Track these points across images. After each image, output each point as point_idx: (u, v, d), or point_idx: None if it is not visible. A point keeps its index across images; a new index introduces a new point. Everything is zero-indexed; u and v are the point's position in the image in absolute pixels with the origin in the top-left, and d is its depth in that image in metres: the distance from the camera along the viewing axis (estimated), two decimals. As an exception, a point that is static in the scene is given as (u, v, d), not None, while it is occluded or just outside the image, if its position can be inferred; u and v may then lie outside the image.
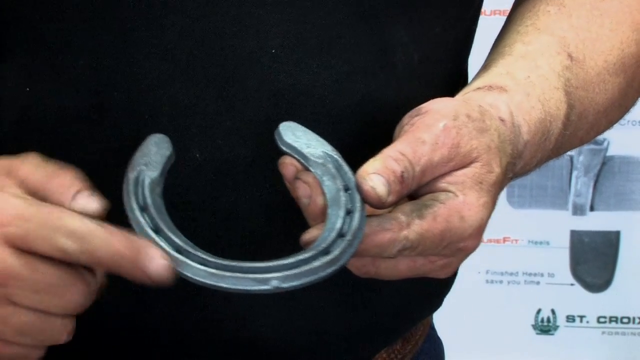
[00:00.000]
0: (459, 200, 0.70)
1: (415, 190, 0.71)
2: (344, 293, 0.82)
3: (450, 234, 0.70)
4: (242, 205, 0.77)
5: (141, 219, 0.66)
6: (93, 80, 0.74)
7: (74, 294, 0.65)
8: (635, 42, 0.86)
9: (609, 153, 2.03)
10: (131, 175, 0.67)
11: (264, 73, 0.75)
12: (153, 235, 0.65)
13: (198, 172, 0.75)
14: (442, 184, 0.71)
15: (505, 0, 0.94)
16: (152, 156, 0.69)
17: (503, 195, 2.21)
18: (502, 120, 0.75)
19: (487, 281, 2.08)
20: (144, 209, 0.66)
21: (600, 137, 2.01)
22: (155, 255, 0.64)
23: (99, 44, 0.74)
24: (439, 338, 1.01)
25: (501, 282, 2.08)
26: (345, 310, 0.84)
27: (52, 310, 0.65)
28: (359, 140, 0.76)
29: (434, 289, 0.91)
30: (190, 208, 0.73)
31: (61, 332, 0.66)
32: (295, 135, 0.72)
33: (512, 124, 0.75)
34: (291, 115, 0.76)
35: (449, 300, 0.95)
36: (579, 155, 2.03)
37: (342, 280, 0.73)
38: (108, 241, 0.63)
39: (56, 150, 0.77)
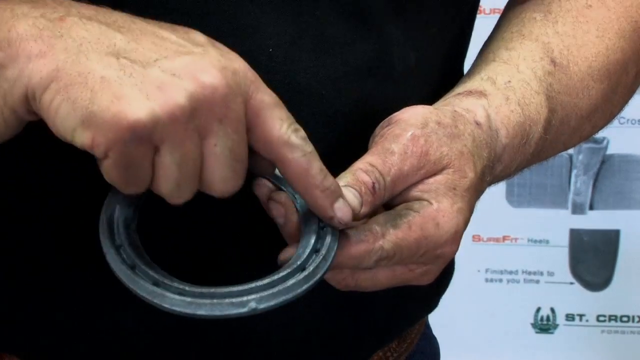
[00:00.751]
0: (433, 207, 0.71)
1: (389, 201, 0.72)
2: (340, 294, 0.82)
3: (426, 242, 0.71)
4: (241, 210, 0.77)
5: (116, 257, 0.66)
6: None
7: (237, 182, 0.64)
8: (621, 49, 0.86)
9: (609, 152, 2.03)
10: (104, 216, 0.68)
11: (260, 72, 0.74)
12: (129, 272, 0.66)
13: None
14: (415, 192, 0.72)
15: (506, 0, 0.94)
16: (124, 193, 0.68)
17: (502, 194, 2.23)
18: (477, 123, 0.76)
19: (486, 280, 2.08)
20: (119, 247, 0.67)
21: (599, 136, 2.03)
22: (347, 205, 0.67)
23: None
24: (434, 337, 1.02)
25: (501, 280, 2.09)
26: (342, 310, 0.84)
27: (214, 175, 0.63)
28: (356, 139, 0.76)
29: (430, 290, 0.91)
30: (188, 214, 0.73)
31: (188, 196, 0.64)
32: None
33: (489, 127, 0.76)
34: None
35: (449, 298, 0.95)
36: (579, 154, 2.03)
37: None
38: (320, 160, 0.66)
39: (58, 150, 0.77)
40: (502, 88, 0.79)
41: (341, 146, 0.76)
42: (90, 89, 0.60)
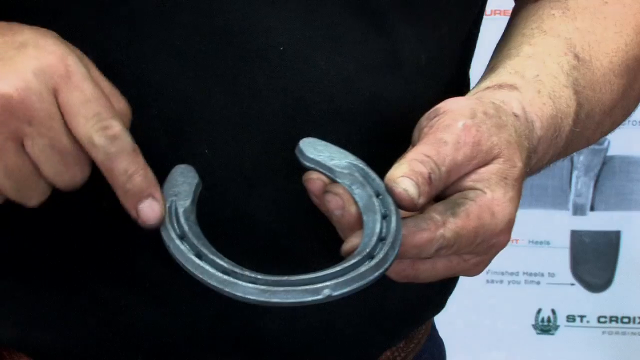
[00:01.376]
0: (487, 197, 0.71)
1: (443, 191, 0.72)
2: (350, 295, 0.82)
3: (483, 231, 0.71)
4: (251, 201, 0.77)
5: (182, 247, 0.67)
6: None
7: (76, 172, 0.67)
8: (638, 45, 0.87)
9: (610, 153, 2.04)
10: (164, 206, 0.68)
11: (272, 70, 0.75)
12: (197, 261, 0.66)
13: (206, 167, 0.75)
14: (469, 182, 0.72)
15: (506, 1, 0.95)
16: (180, 186, 0.70)
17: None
18: (515, 115, 0.76)
19: (487, 281, 2.08)
20: (182, 237, 0.67)
21: (600, 137, 2.03)
22: (154, 206, 0.67)
23: (108, 40, 0.74)
24: (440, 338, 1.02)
25: (502, 282, 2.09)
26: (351, 311, 0.84)
27: (48, 172, 0.66)
28: (367, 137, 0.77)
29: (438, 291, 0.91)
30: (199, 204, 0.73)
31: (37, 195, 0.67)
32: (316, 150, 0.72)
33: (526, 119, 0.76)
34: (299, 112, 0.76)
35: (450, 299, 0.95)
36: (579, 155, 2.03)
37: None
38: (131, 160, 0.66)
39: None
40: (531, 81, 0.79)
41: (351, 144, 0.76)
42: None
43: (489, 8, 0.92)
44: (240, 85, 0.75)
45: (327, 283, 0.65)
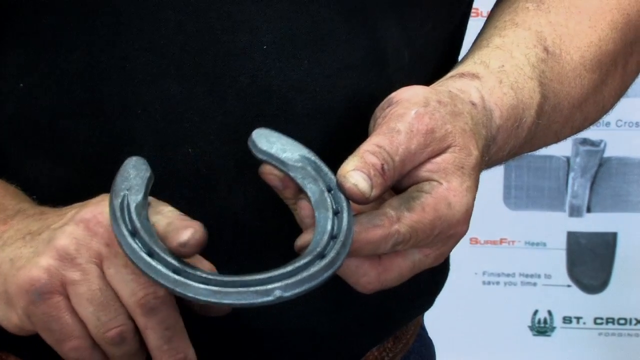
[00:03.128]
0: (443, 187, 0.71)
1: (398, 183, 0.72)
2: (335, 291, 0.82)
3: (440, 222, 0.70)
4: (234, 200, 0.77)
5: (134, 244, 0.65)
6: (86, 75, 0.75)
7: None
8: (613, 40, 0.86)
9: (606, 154, 2.03)
10: (116, 201, 0.67)
11: (255, 69, 0.75)
12: (148, 259, 0.65)
13: (190, 166, 0.76)
14: (424, 173, 0.71)
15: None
16: (133, 179, 0.69)
17: (499, 196, 2.23)
18: (473, 103, 0.75)
19: (483, 282, 2.08)
20: (134, 233, 0.66)
21: (596, 139, 2.03)
22: None
23: (92, 39, 0.74)
24: (429, 338, 1.02)
25: (498, 283, 2.08)
26: (337, 308, 0.84)
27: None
28: (350, 135, 0.77)
29: (425, 289, 0.91)
30: (182, 202, 0.73)
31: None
32: (269, 142, 0.71)
33: (484, 108, 0.76)
34: (282, 111, 0.76)
35: (446, 301, 0.95)
36: (576, 157, 2.03)
37: (333, 280, 0.73)
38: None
39: (50, 145, 0.77)
40: (495, 71, 0.79)
41: (334, 142, 0.76)
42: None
43: (485, 9, 0.92)
44: (223, 84, 0.75)
45: (278, 284, 0.64)
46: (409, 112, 0.71)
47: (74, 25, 0.74)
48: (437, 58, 0.85)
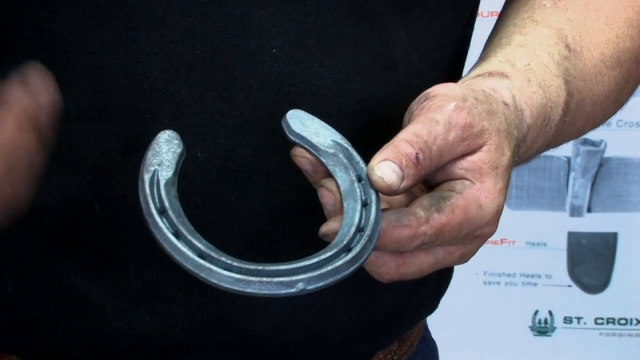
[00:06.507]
0: (475, 188, 0.70)
1: (432, 176, 0.71)
2: (342, 295, 0.82)
3: (468, 224, 0.69)
4: (244, 204, 0.77)
5: (161, 224, 0.64)
6: (95, 79, 0.74)
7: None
8: (630, 38, 0.86)
9: (606, 154, 2.03)
10: (146, 176, 0.65)
11: (265, 72, 0.75)
12: (175, 240, 0.63)
13: (200, 171, 0.75)
14: (459, 170, 0.70)
15: (502, 2, 0.95)
16: (164, 155, 0.67)
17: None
18: (505, 104, 0.75)
19: (484, 282, 2.08)
20: (162, 212, 0.64)
21: (597, 139, 2.02)
22: None
23: (101, 43, 0.74)
24: (432, 339, 1.01)
25: (499, 283, 2.08)
26: (343, 312, 0.84)
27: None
28: (360, 139, 0.77)
29: (430, 293, 0.91)
30: (193, 207, 0.73)
31: None
32: (303, 124, 0.70)
33: (516, 108, 0.75)
34: None
35: (447, 301, 0.95)
36: (576, 157, 2.03)
37: (340, 283, 0.73)
38: None
39: (59, 149, 0.77)
40: (522, 70, 0.78)
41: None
42: None
43: (485, 9, 0.92)
44: (233, 88, 0.75)
45: (302, 276, 0.63)
46: (447, 105, 0.70)
47: (82, 29, 0.74)
48: (445, 62, 0.84)
